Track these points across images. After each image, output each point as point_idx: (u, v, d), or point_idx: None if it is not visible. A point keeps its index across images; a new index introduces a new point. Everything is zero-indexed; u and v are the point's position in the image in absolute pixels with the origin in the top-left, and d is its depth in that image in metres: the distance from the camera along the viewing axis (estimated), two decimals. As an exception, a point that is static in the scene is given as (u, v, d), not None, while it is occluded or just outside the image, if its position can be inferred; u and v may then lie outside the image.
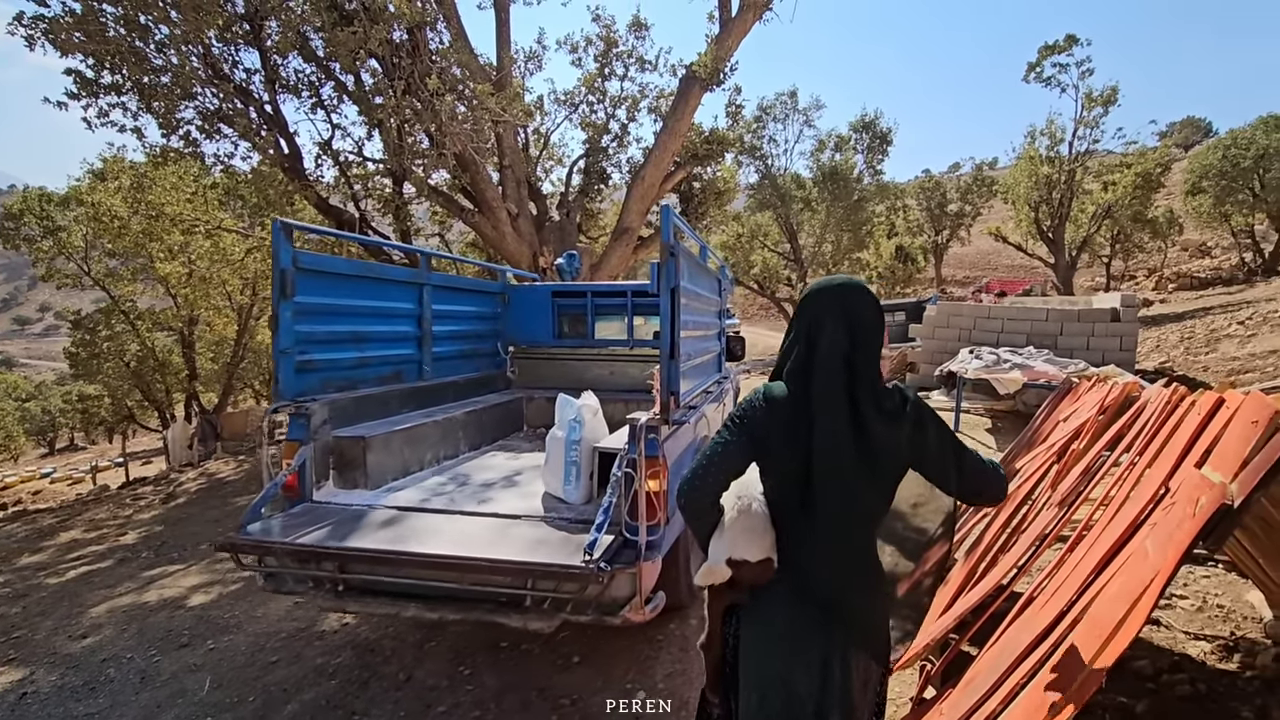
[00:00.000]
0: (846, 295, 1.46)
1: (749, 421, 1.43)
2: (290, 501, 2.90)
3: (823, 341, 1.41)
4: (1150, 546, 1.72)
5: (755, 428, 1.42)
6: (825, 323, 1.43)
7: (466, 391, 4.57)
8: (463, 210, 10.33)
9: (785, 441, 1.40)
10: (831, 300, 1.45)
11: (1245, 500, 1.44)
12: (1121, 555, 1.95)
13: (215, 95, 8.15)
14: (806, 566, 1.42)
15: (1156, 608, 3.46)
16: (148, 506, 7.77)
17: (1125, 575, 1.75)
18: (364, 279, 3.54)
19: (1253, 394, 1.72)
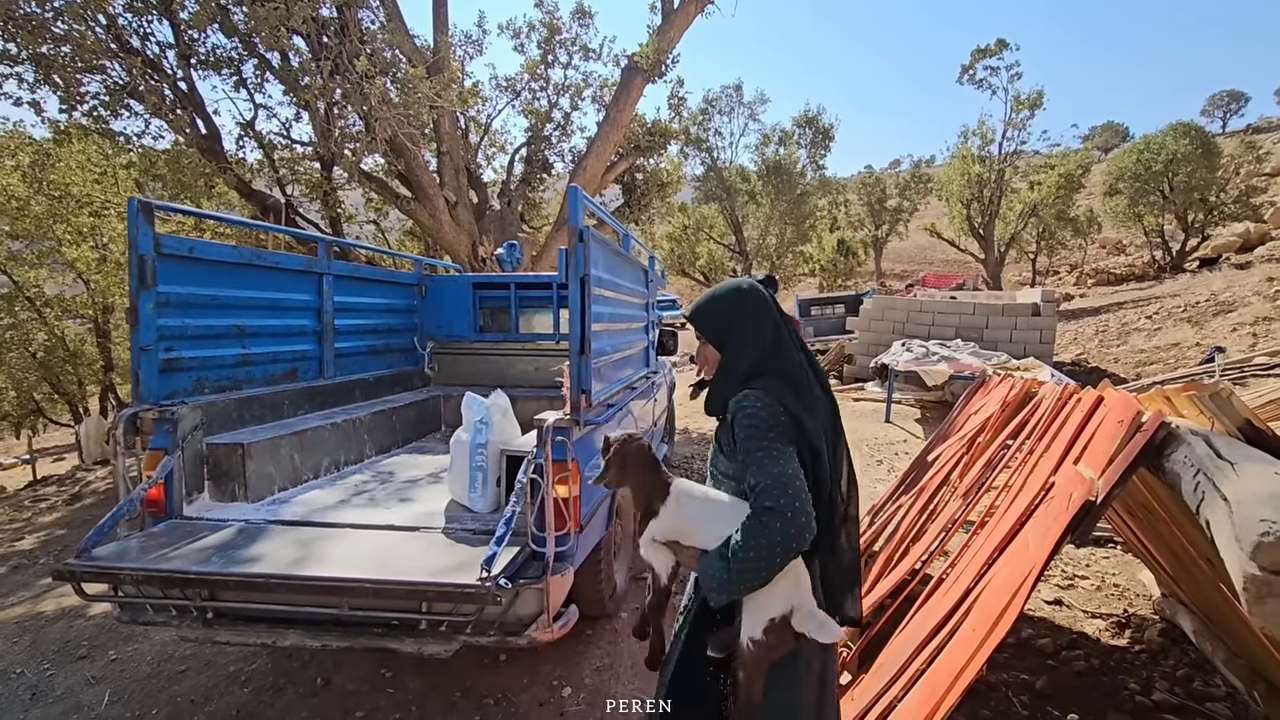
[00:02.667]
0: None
1: (789, 432, 1.41)
2: (154, 518, 2.62)
3: (784, 338, 1.50)
4: (1031, 540, 1.70)
5: (798, 436, 1.43)
6: (780, 321, 1.53)
7: (377, 390, 4.33)
8: (398, 197, 9.92)
9: (818, 446, 1.45)
10: (769, 299, 1.57)
11: (1107, 495, 1.44)
12: (1012, 545, 1.94)
13: (123, 69, 7.55)
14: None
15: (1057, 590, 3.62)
16: (50, 509, 7.17)
17: (1010, 565, 1.74)
18: (249, 267, 3.25)
19: (1121, 394, 1.71)
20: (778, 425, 1.34)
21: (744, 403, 1.38)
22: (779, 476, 1.27)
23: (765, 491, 1.26)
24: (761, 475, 1.29)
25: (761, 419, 1.34)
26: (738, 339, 1.49)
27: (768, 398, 1.38)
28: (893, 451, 7.31)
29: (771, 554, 1.24)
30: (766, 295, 1.54)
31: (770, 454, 1.30)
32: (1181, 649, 3.07)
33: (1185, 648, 3.07)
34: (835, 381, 12.37)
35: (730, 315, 1.51)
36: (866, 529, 4.12)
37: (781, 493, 1.25)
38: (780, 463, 1.29)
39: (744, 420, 1.36)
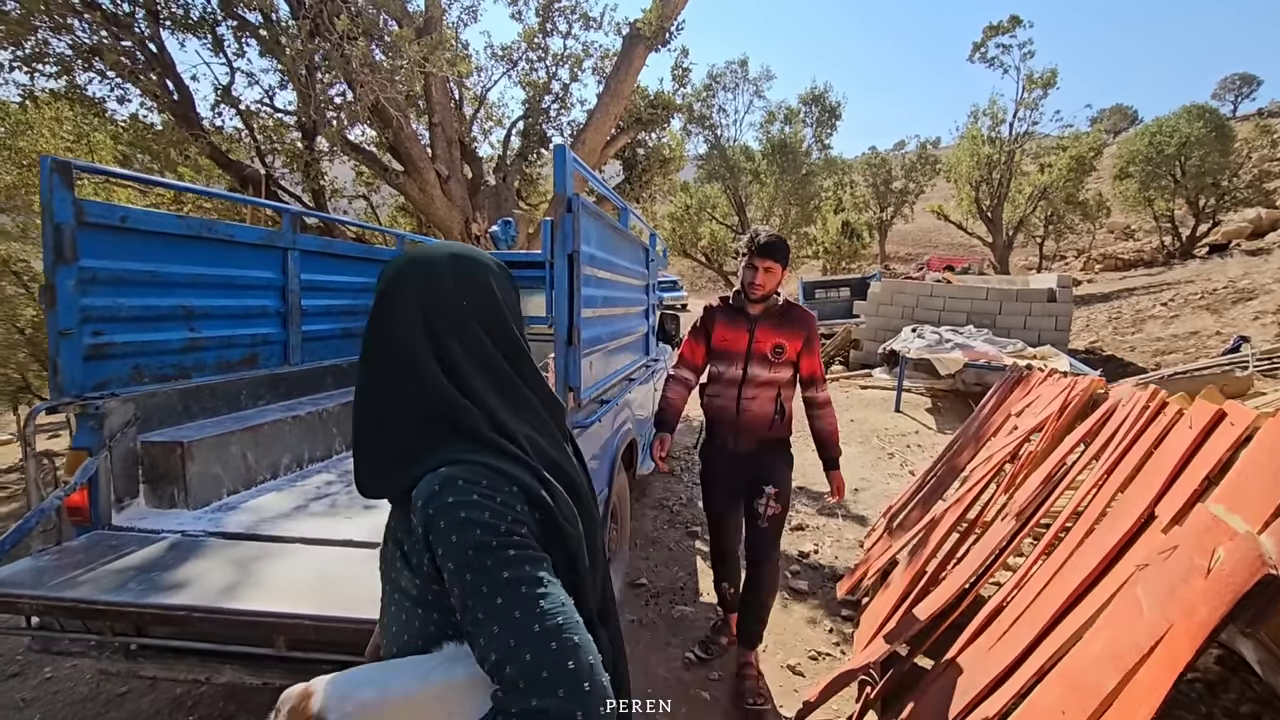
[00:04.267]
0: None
1: (536, 536, 0.89)
2: (78, 528, 2.26)
3: (494, 358, 0.97)
4: (1145, 600, 1.33)
5: (551, 539, 0.92)
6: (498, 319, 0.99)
7: (351, 378, 3.94)
8: (387, 170, 9.47)
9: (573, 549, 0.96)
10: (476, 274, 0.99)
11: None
12: (1100, 590, 1.58)
13: (90, 29, 7.06)
14: None
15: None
16: (10, 498, 6.81)
17: (1113, 631, 1.37)
18: (198, 240, 2.84)
19: (1276, 418, 1.33)
20: (513, 530, 0.75)
21: (444, 495, 0.76)
22: (548, 639, 0.69)
23: (527, 674, 0.67)
24: (511, 640, 0.69)
25: (480, 523, 0.74)
26: (393, 363, 0.84)
27: (485, 476, 0.78)
28: (904, 444, 6.96)
29: None
30: (491, 274, 0.91)
31: (510, 596, 0.71)
32: (1243, 680, 2.74)
33: (1248, 679, 2.74)
34: (840, 368, 12.02)
35: (405, 308, 0.86)
36: (882, 534, 3.78)
37: (560, 673, 0.67)
38: (542, 608, 0.71)
39: (452, 531, 0.74)
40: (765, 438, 2.61)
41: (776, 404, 2.58)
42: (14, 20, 6.60)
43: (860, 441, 6.96)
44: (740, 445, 2.61)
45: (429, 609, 0.82)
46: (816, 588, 3.69)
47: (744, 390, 2.57)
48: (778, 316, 2.57)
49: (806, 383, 2.65)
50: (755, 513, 2.57)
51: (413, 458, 0.82)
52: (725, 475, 2.70)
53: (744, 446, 2.61)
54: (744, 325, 2.58)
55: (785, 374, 2.58)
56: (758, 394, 2.57)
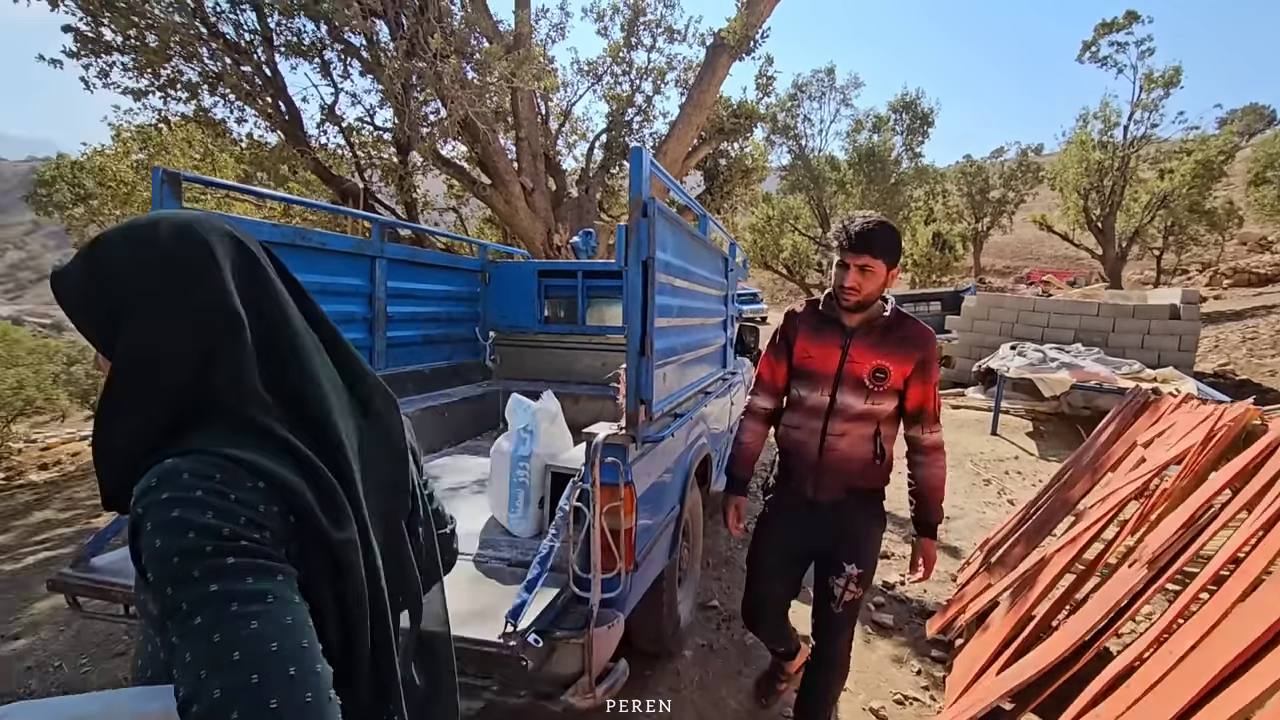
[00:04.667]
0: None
1: (275, 544, 0.71)
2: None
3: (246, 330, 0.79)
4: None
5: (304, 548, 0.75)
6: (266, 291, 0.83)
7: (433, 383, 4.02)
8: (475, 183, 9.81)
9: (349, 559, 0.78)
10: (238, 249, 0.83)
11: None
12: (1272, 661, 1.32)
13: (214, 56, 7.72)
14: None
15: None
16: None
17: None
18: (292, 248, 2.97)
19: None
20: (242, 532, 0.62)
21: (155, 489, 0.62)
22: (248, 672, 0.56)
23: (213, 713, 0.54)
24: (201, 671, 0.55)
25: (197, 524, 0.60)
26: (145, 334, 0.71)
27: (218, 468, 0.64)
28: (1002, 470, 6.46)
29: None
30: (209, 239, 0.75)
31: (214, 613, 0.58)
32: None
33: None
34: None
35: (121, 284, 0.71)
36: (979, 569, 3.46)
37: (259, 712, 0.55)
38: (237, 633, 0.57)
39: (159, 534, 0.60)
40: (854, 486, 2.08)
41: (874, 444, 2.03)
42: (151, 50, 7.27)
43: (953, 465, 6.51)
44: (820, 492, 2.08)
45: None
46: (903, 623, 3.42)
47: (831, 423, 2.03)
48: (882, 331, 1.99)
49: (913, 418, 2.04)
50: (828, 592, 2.07)
51: (152, 450, 0.68)
52: (791, 530, 2.16)
53: (825, 494, 2.08)
54: (836, 339, 2.02)
55: (887, 406, 2.01)
56: (848, 429, 2.02)
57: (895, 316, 2.00)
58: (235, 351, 0.72)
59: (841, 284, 1.93)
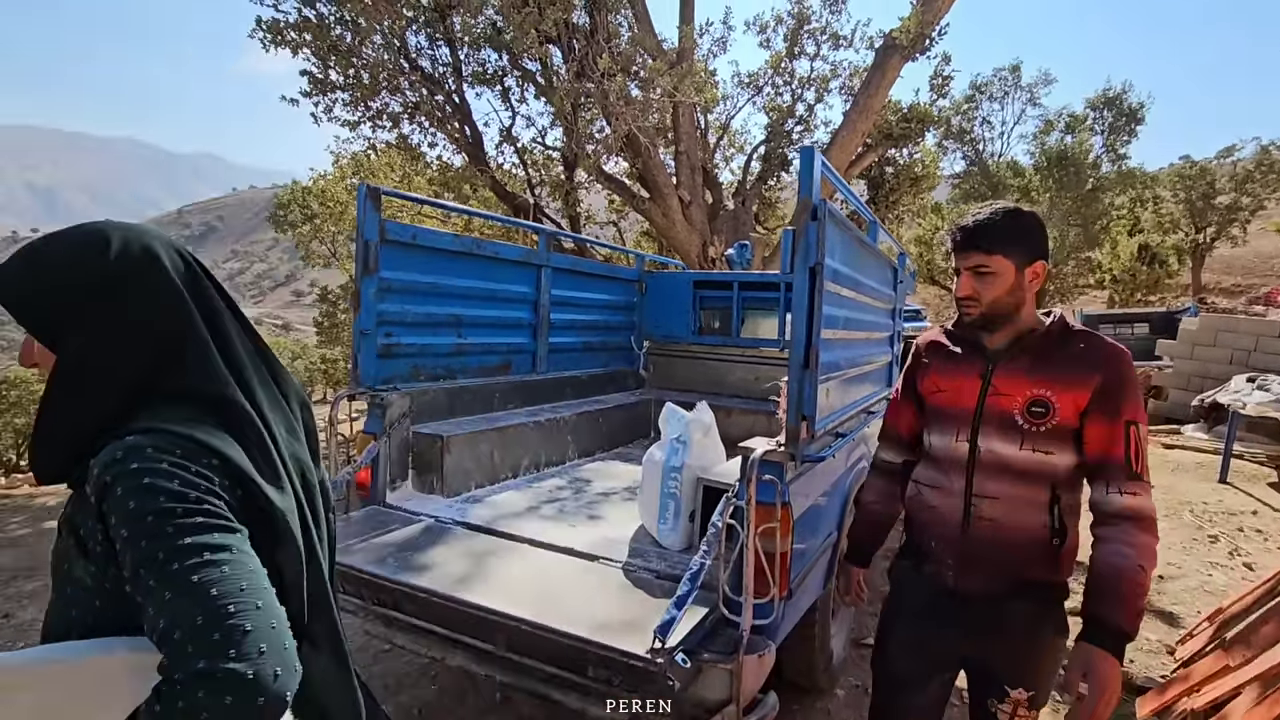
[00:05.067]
0: None
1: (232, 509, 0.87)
2: (362, 501, 2.63)
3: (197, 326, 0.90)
4: None
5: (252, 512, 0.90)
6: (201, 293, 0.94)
7: (589, 389, 4.15)
8: (634, 197, 10.13)
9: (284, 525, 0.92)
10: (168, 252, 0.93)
11: None
12: None
13: (413, 88, 8.70)
14: None
15: None
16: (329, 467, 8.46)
17: None
18: (469, 256, 3.20)
19: None
20: (203, 499, 0.73)
21: (122, 460, 0.72)
22: (212, 604, 0.66)
23: (197, 636, 0.65)
24: (182, 604, 0.66)
25: (166, 490, 0.71)
26: (89, 331, 0.80)
27: (177, 445, 0.74)
28: (1234, 525, 5.37)
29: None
30: (155, 248, 0.85)
31: (186, 560, 0.68)
32: None
33: None
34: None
35: (76, 282, 0.80)
36: (1210, 645, 2.87)
37: (221, 636, 0.65)
38: (211, 574, 0.68)
39: (132, 497, 0.70)
40: (1019, 576, 1.45)
41: (1047, 515, 1.42)
42: (365, 86, 8.33)
43: (1167, 514, 5.54)
44: (966, 580, 1.49)
45: (108, 600, 0.76)
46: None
47: (977, 480, 1.47)
48: (1040, 349, 1.45)
49: (1096, 469, 1.39)
50: (985, 714, 1.51)
51: (92, 429, 0.77)
52: (929, 626, 1.56)
53: (973, 584, 1.49)
54: (974, 365, 1.51)
55: (1060, 457, 1.41)
56: (1004, 491, 1.44)
57: (1061, 330, 1.46)
58: (192, 343, 0.83)
59: (957, 294, 1.49)
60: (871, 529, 1.82)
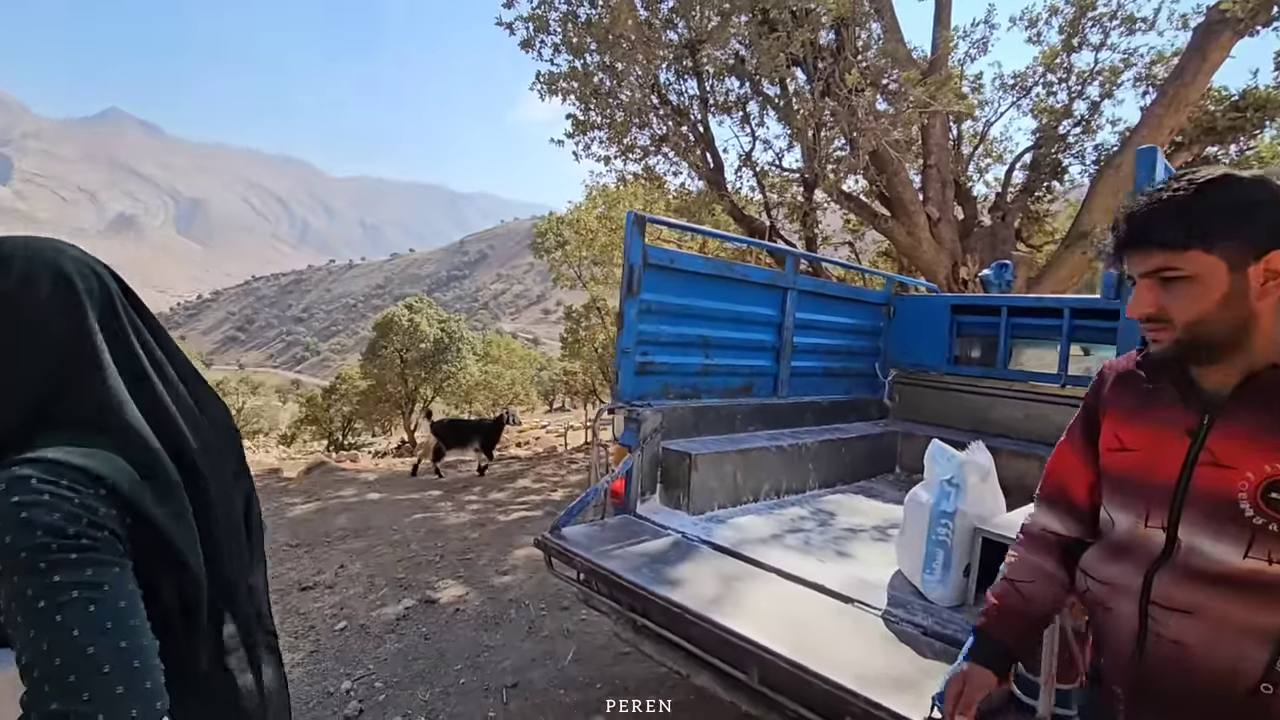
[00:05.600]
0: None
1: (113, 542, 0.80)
2: (615, 509, 2.81)
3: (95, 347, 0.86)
4: None
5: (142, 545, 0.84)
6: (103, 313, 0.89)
7: (829, 416, 3.98)
8: (874, 215, 9.63)
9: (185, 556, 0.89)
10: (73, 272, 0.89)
11: None
12: None
13: (660, 121, 9.32)
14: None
15: None
16: (577, 470, 9.28)
17: None
18: (719, 279, 3.28)
19: None
20: (84, 532, 0.70)
21: (9, 495, 0.69)
22: (73, 647, 0.65)
23: (46, 683, 0.64)
24: (33, 649, 0.65)
25: (44, 524, 0.68)
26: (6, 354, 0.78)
27: (63, 475, 0.71)
28: None
29: None
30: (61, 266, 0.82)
31: (55, 599, 0.67)
32: None
33: None
34: None
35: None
36: None
37: (78, 679, 0.64)
38: (76, 615, 0.66)
39: (8, 528, 0.67)
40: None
41: (1269, 651, 0.89)
42: (619, 124, 9.10)
43: None
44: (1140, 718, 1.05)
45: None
46: None
47: (1161, 584, 0.98)
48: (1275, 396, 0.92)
49: None
50: None
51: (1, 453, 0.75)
52: None
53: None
54: (1177, 416, 1.00)
55: None
56: (1206, 605, 0.94)
57: None
58: (93, 366, 0.80)
59: (1133, 314, 0.99)
60: (1018, 621, 1.21)
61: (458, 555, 5.06)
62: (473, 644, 3.53)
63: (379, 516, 6.21)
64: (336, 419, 40.52)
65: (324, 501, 6.93)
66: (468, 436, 8.76)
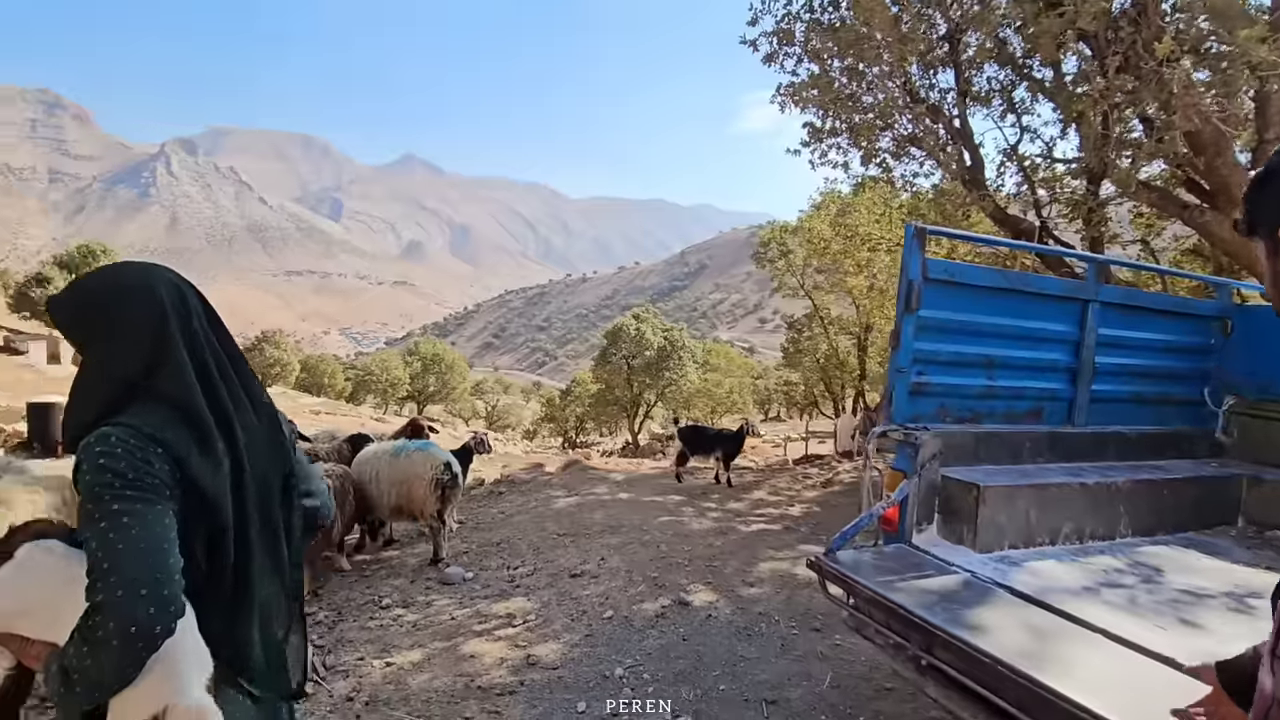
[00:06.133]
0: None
1: (162, 485, 1.10)
2: (886, 536, 2.68)
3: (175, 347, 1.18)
4: None
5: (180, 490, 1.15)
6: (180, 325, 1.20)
7: (1137, 450, 3.37)
8: (1184, 208, 7.96)
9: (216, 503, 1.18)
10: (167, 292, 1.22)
11: None
12: None
13: (909, 120, 8.76)
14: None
15: None
16: (811, 486, 8.99)
17: None
18: (1006, 292, 2.96)
19: None
20: (140, 477, 1.00)
21: (93, 443, 1.00)
22: (122, 553, 0.94)
23: (101, 576, 0.93)
24: (98, 551, 0.95)
25: (115, 469, 0.98)
26: (102, 343, 1.12)
27: (135, 435, 1.02)
28: None
29: (109, 664, 0.92)
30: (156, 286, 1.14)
31: (111, 521, 0.96)
32: None
33: None
34: None
35: (93, 308, 1.13)
36: None
37: (120, 577, 0.93)
38: (130, 532, 0.96)
39: (89, 467, 0.99)
40: None
41: None
42: (861, 129, 8.72)
43: None
44: None
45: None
46: None
47: None
48: None
49: None
50: None
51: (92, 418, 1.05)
52: None
53: None
54: None
55: None
56: None
57: None
58: (169, 361, 1.09)
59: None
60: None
61: (704, 561, 5.23)
62: (729, 652, 3.62)
63: (629, 515, 6.67)
64: (570, 418, 44.59)
65: (581, 497, 7.65)
66: (710, 445, 8.93)
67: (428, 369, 46.13)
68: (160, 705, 0.99)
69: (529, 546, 5.80)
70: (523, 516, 6.91)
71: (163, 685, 0.99)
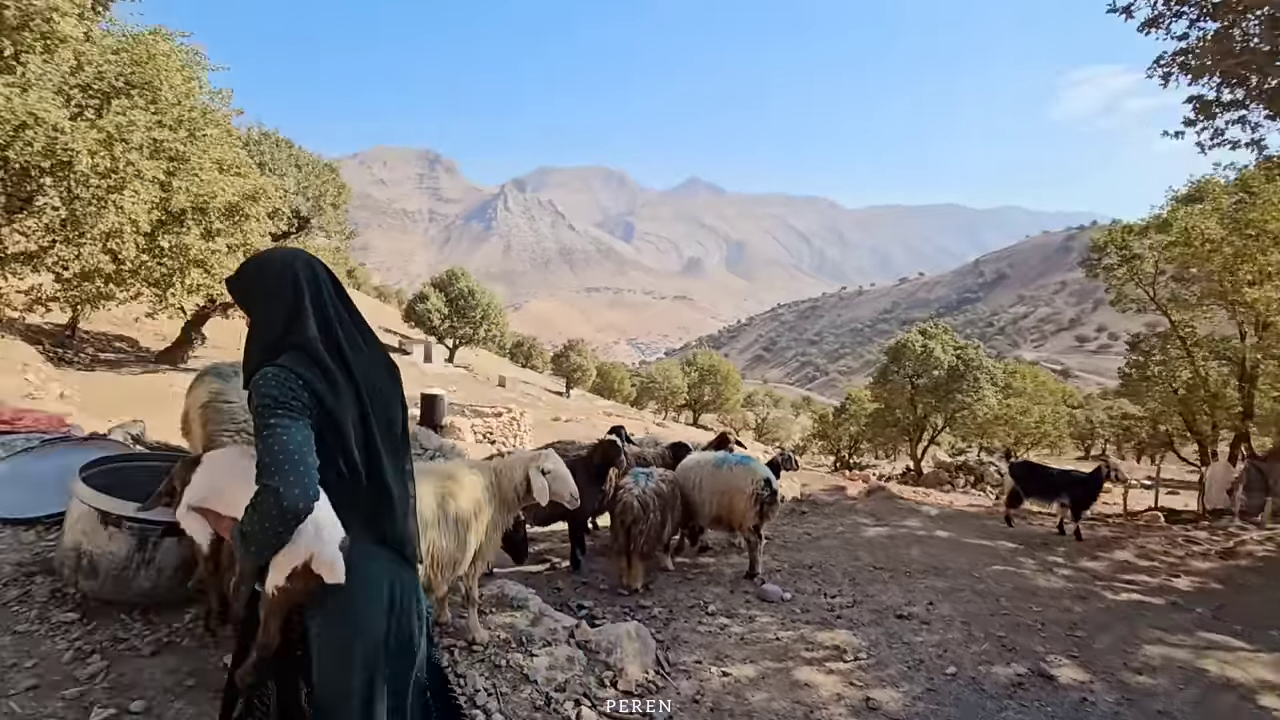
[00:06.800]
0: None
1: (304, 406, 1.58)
2: None
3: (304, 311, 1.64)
4: None
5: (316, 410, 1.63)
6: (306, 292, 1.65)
7: None
8: None
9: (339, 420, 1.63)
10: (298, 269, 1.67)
11: None
12: None
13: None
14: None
15: None
16: (1202, 555, 6.96)
17: None
18: None
19: None
20: (290, 400, 1.45)
21: (258, 379, 1.47)
22: (277, 453, 1.38)
23: (264, 468, 1.38)
24: (263, 451, 1.40)
25: (273, 396, 1.44)
26: (260, 308, 1.61)
27: (285, 372, 1.48)
28: None
29: (270, 529, 1.38)
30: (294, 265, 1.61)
31: (275, 430, 1.41)
32: None
33: None
34: None
35: (252, 283, 1.63)
36: None
37: (278, 469, 1.37)
38: (282, 438, 1.40)
39: (256, 395, 1.46)
40: None
41: None
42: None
43: None
44: None
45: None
46: None
47: None
48: None
49: None
50: None
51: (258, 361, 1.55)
52: None
53: None
54: None
55: None
56: None
57: None
58: (303, 320, 1.57)
59: None
60: None
61: (1063, 629, 4.39)
62: (1124, 753, 2.93)
63: (953, 558, 5.96)
64: (844, 437, 42.35)
65: (892, 529, 7.09)
66: (1054, 488, 7.40)
67: (704, 379, 48.10)
68: (308, 554, 1.43)
69: (844, 575, 5.50)
70: (831, 541, 6.60)
71: (312, 540, 1.42)
